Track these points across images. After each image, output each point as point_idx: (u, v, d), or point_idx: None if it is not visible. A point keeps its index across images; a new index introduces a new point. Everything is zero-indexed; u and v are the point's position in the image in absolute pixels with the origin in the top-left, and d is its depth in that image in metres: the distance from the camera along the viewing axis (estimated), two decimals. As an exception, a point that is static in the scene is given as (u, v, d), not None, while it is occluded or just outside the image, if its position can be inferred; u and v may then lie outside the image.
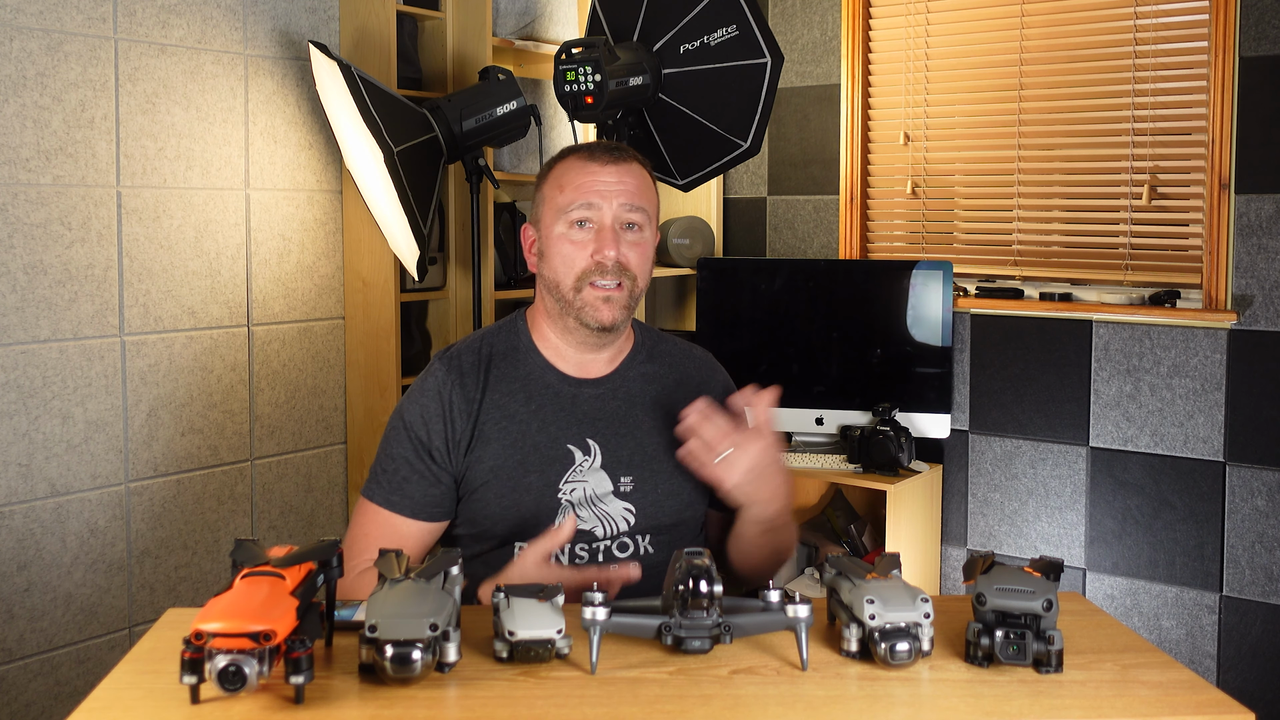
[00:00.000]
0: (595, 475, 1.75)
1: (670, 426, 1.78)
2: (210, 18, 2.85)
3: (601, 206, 1.74)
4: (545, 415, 1.77)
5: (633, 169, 1.78)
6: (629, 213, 1.75)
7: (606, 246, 1.72)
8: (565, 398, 1.79)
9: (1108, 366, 3.21)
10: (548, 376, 1.80)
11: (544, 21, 3.44)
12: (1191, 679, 1.32)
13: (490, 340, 1.84)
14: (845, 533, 3.53)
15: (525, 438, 1.75)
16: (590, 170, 1.75)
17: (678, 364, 1.88)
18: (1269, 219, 2.97)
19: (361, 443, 3.15)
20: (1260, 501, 3.01)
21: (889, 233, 3.67)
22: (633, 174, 1.77)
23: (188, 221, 2.83)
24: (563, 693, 1.28)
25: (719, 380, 1.91)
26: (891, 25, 3.59)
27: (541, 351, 1.81)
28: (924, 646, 1.33)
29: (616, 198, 1.74)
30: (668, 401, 1.82)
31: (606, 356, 1.82)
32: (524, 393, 1.78)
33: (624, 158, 1.78)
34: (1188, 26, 3.09)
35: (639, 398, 1.82)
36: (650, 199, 1.80)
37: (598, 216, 1.74)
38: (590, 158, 1.77)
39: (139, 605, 2.77)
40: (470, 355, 1.81)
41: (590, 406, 1.79)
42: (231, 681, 1.17)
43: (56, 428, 2.60)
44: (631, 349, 1.86)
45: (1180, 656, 3.12)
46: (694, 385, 1.86)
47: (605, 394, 1.80)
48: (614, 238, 1.73)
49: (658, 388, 1.84)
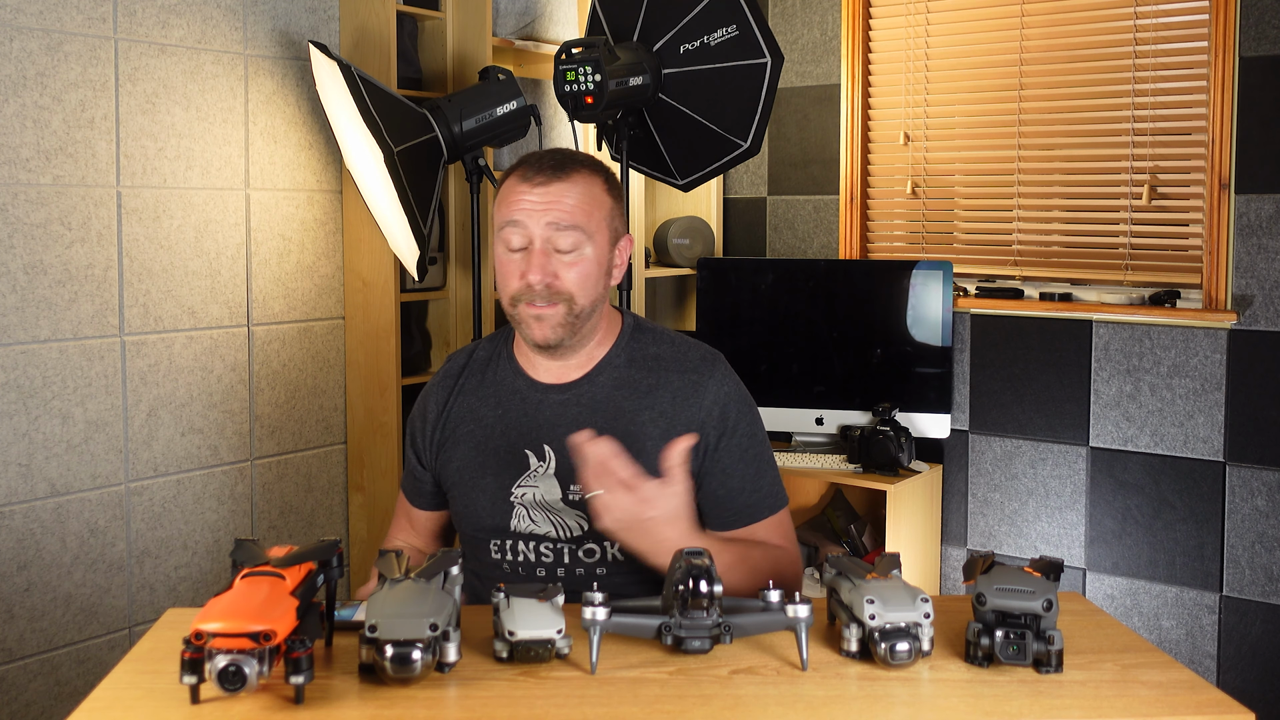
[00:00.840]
0: (546, 481, 1.75)
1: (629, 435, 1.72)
2: (210, 18, 2.85)
3: (529, 226, 1.69)
4: (509, 420, 1.79)
5: (573, 183, 1.70)
6: (558, 233, 1.69)
7: (531, 270, 1.68)
8: (530, 404, 1.79)
9: (1108, 366, 3.21)
10: (518, 382, 1.81)
11: (544, 21, 3.44)
12: (1191, 679, 1.32)
13: (483, 346, 1.89)
14: (845, 533, 3.53)
15: (488, 441, 1.79)
16: (520, 190, 1.70)
17: (658, 369, 1.78)
18: (1269, 219, 2.97)
19: (361, 443, 3.15)
20: (1260, 501, 3.01)
21: (889, 233, 3.67)
22: (572, 189, 1.70)
23: (188, 221, 2.83)
24: (563, 693, 1.28)
25: (710, 386, 1.77)
26: (891, 25, 3.59)
27: (517, 358, 1.83)
28: (924, 646, 1.33)
29: (545, 217, 1.68)
30: (632, 410, 1.76)
31: (577, 362, 1.79)
32: (494, 397, 1.82)
33: (562, 174, 1.70)
34: (1188, 26, 3.09)
35: (603, 405, 1.76)
36: (591, 210, 1.71)
37: (525, 236, 1.70)
38: (523, 177, 1.71)
39: (139, 605, 2.77)
40: (460, 358, 1.89)
41: (551, 413, 1.77)
42: (231, 681, 1.17)
43: (56, 428, 2.60)
44: (609, 353, 1.80)
45: (1180, 656, 3.12)
46: (668, 392, 1.76)
47: (569, 400, 1.78)
48: (541, 261, 1.68)
49: (625, 393, 1.77)
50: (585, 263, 1.71)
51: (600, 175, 1.76)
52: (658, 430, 1.73)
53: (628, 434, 1.71)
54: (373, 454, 3.11)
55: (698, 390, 1.76)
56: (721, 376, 1.79)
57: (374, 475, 3.12)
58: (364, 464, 3.14)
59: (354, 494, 3.18)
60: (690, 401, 1.75)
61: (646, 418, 1.75)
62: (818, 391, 3.44)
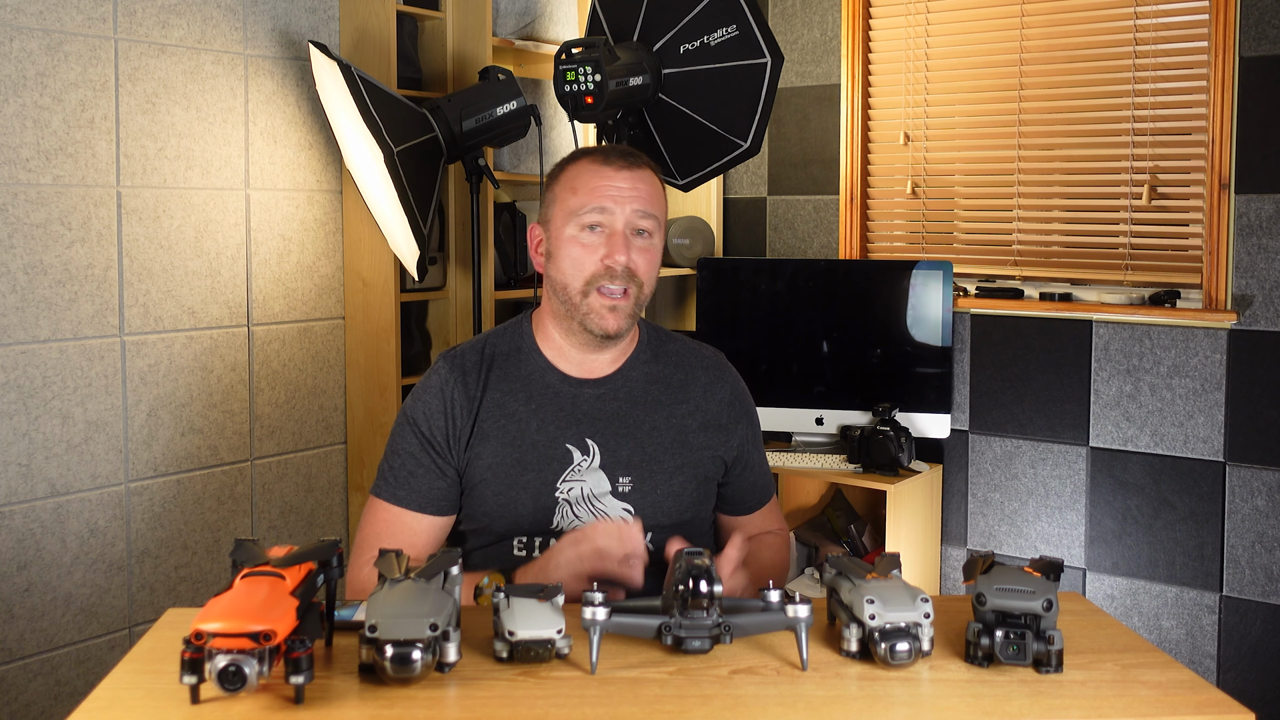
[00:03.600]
0: (593, 475, 1.76)
1: (671, 428, 1.79)
2: (210, 18, 2.85)
3: (614, 211, 1.74)
4: (545, 414, 1.78)
5: (646, 175, 1.78)
6: (641, 219, 1.75)
7: (618, 251, 1.72)
8: (565, 398, 1.79)
9: (1108, 366, 3.21)
10: (549, 377, 1.80)
11: (544, 21, 3.44)
12: (1191, 679, 1.32)
13: (494, 341, 1.85)
14: (845, 533, 3.53)
15: (524, 436, 1.76)
16: (605, 174, 1.75)
17: (683, 365, 1.87)
18: (1269, 219, 2.97)
19: (361, 443, 3.15)
20: (1260, 501, 3.01)
21: (889, 233, 3.67)
22: (646, 180, 1.77)
23: (188, 221, 2.83)
24: (563, 693, 1.28)
25: (726, 383, 1.88)
26: (891, 25, 3.59)
27: (544, 352, 1.82)
28: (924, 646, 1.33)
29: (630, 203, 1.74)
30: (670, 403, 1.82)
31: (609, 357, 1.82)
32: (524, 392, 1.79)
33: (638, 163, 1.78)
34: (1188, 26, 3.09)
35: (640, 398, 1.81)
36: (661, 206, 1.80)
37: (610, 221, 1.74)
38: (605, 161, 1.77)
39: (139, 605, 2.77)
40: (473, 354, 1.82)
41: (590, 407, 1.79)
42: (231, 681, 1.17)
43: (56, 428, 2.60)
44: (635, 349, 1.85)
45: (1180, 656, 3.12)
46: (699, 386, 1.85)
47: (606, 394, 1.80)
48: (625, 243, 1.73)
49: (660, 388, 1.83)
50: (654, 252, 1.79)
51: (658, 172, 1.84)
52: (696, 423, 1.82)
53: (669, 426, 1.80)
54: (373, 454, 3.11)
55: (720, 385, 1.87)
56: (733, 373, 1.92)
57: (374, 475, 3.11)
58: (364, 464, 3.14)
59: (354, 494, 3.18)
60: (716, 396, 1.86)
61: (684, 410, 1.82)
62: (818, 391, 3.44)
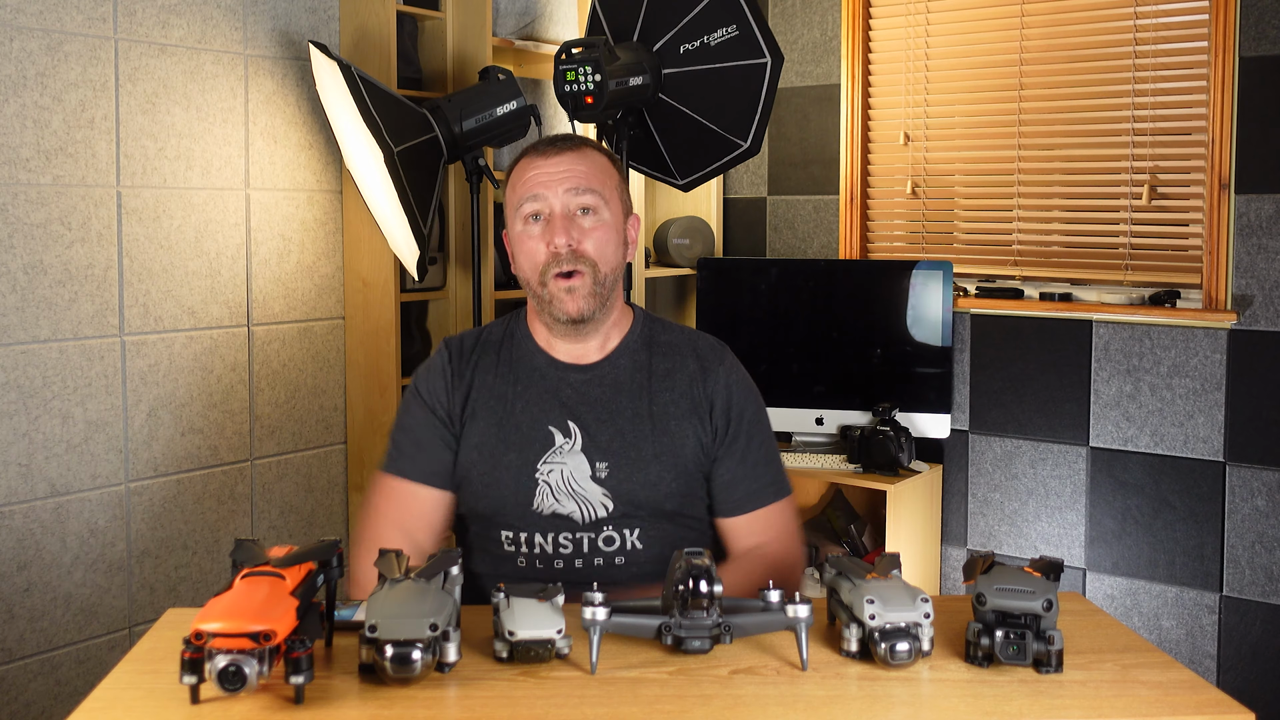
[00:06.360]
0: (574, 458, 1.77)
1: (652, 415, 1.80)
2: (210, 18, 2.85)
3: (547, 197, 1.76)
4: (530, 396, 1.81)
5: (582, 154, 1.79)
6: (579, 196, 1.76)
7: (556, 234, 1.75)
8: (551, 381, 1.82)
9: (1108, 366, 3.21)
10: (537, 360, 1.84)
11: (544, 21, 3.44)
12: (1191, 679, 1.32)
13: (491, 329, 1.91)
14: (845, 533, 3.53)
15: (509, 417, 1.79)
16: (536, 164, 1.79)
17: (674, 353, 1.86)
18: (1269, 219, 2.97)
19: (361, 443, 3.15)
20: (1260, 501, 3.01)
21: (889, 233, 3.67)
22: (581, 159, 1.78)
23: (188, 221, 2.83)
24: (563, 693, 1.28)
25: (721, 373, 1.85)
26: (891, 25, 3.59)
27: (535, 339, 1.85)
28: (924, 646, 1.33)
29: (562, 184, 1.76)
30: (654, 390, 1.82)
31: (596, 344, 1.84)
32: (513, 375, 1.83)
33: (571, 146, 1.80)
34: (1188, 26, 3.09)
35: (626, 385, 1.82)
36: (603, 179, 1.79)
37: (545, 207, 1.77)
38: (539, 153, 1.81)
39: (139, 605, 2.77)
40: (470, 339, 1.88)
41: (575, 391, 1.81)
42: (231, 681, 1.17)
43: (56, 428, 2.60)
44: (627, 336, 1.86)
45: (1180, 656, 3.12)
46: (685, 375, 1.84)
47: (592, 379, 1.82)
48: (564, 226, 1.75)
49: (645, 375, 1.83)
50: (604, 228, 1.78)
51: (604, 152, 1.85)
52: (679, 410, 1.81)
53: (651, 413, 1.79)
54: (373, 454, 3.11)
55: (710, 376, 1.85)
56: (730, 365, 1.88)
57: (374, 475, 3.11)
58: (364, 464, 3.14)
59: (354, 494, 3.18)
60: (704, 386, 1.83)
61: (668, 398, 1.82)
62: (818, 391, 3.44)
